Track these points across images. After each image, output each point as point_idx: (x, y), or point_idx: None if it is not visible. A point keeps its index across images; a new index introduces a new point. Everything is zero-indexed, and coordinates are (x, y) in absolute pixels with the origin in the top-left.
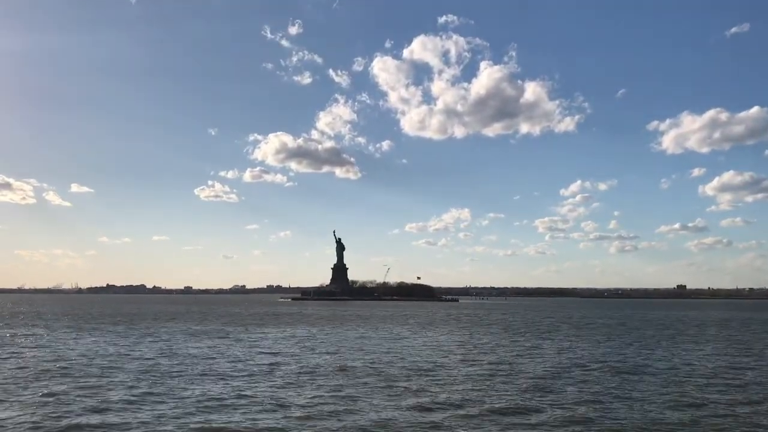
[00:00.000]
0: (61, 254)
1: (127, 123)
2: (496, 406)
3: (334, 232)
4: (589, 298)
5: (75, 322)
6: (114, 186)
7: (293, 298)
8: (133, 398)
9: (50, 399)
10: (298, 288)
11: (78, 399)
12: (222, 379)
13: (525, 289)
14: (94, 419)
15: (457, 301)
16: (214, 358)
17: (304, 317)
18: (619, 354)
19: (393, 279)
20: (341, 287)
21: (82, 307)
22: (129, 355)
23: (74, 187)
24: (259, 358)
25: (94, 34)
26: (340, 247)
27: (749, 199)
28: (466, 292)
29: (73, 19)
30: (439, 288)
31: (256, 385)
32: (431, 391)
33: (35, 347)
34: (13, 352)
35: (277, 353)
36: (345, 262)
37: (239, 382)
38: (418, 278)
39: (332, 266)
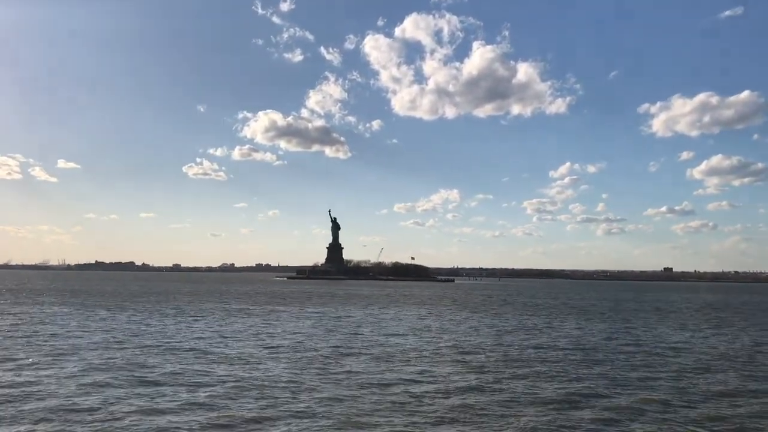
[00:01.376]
0: (48, 230)
1: (115, 98)
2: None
3: (329, 211)
4: (580, 280)
5: (112, 302)
6: (101, 162)
7: (289, 277)
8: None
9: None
10: (287, 267)
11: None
12: (352, 355)
13: (514, 269)
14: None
15: (453, 281)
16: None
17: (319, 296)
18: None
19: (382, 259)
20: (336, 267)
21: (88, 285)
22: (225, 333)
23: (61, 163)
24: (330, 336)
25: (83, 8)
26: (336, 227)
27: (736, 183)
28: (456, 272)
29: None
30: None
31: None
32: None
33: (138, 329)
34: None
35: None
36: (340, 242)
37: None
38: (412, 258)
39: (327, 245)
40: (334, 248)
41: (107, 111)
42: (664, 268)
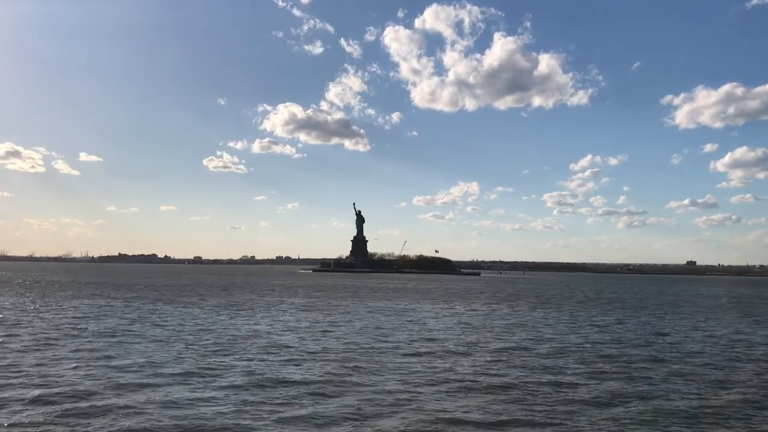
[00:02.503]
0: (70, 223)
1: (136, 92)
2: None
3: (354, 204)
4: (603, 273)
5: (180, 296)
6: (122, 155)
7: (314, 270)
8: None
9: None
10: (307, 259)
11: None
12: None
13: (534, 263)
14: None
15: (479, 274)
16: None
17: (368, 290)
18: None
19: (399, 252)
20: (362, 260)
21: (129, 278)
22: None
23: (83, 156)
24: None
25: (105, 1)
26: (360, 220)
27: (761, 175)
28: (477, 265)
29: None
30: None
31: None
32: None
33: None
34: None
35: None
36: (364, 235)
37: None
38: (436, 252)
39: (352, 238)
40: (359, 241)
41: (128, 104)
42: (687, 262)
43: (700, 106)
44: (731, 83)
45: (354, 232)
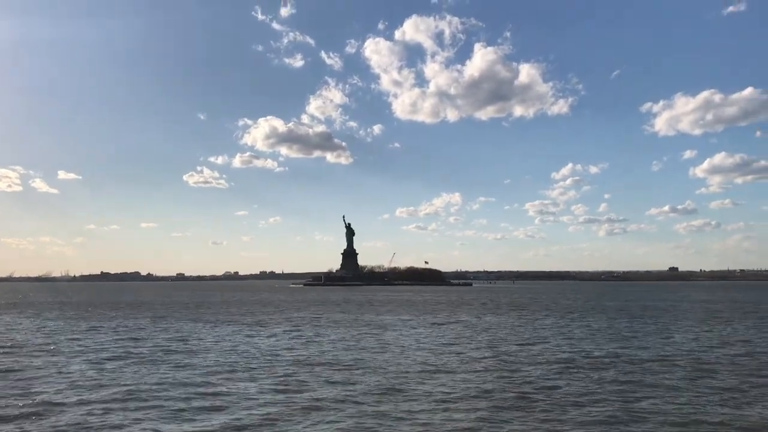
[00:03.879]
0: (49, 242)
1: (114, 108)
2: None
3: (343, 217)
4: (588, 281)
5: (195, 314)
6: (101, 173)
7: (305, 284)
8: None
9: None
10: (292, 274)
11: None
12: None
13: (518, 272)
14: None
15: (471, 285)
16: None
17: (378, 304)
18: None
19: (388, 264)
20: (352, 272)
21: (124, 297)
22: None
23: (61, 174)
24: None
25: (79, 18)
26: (350, 233)
27: (739, 180)
28: (462, 275)
29: (55, 3)
30: None
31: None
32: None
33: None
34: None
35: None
36: (355, 248)
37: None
38: (426, 263)
39: (342, 251)
40: (349, 254)
41: (107, 121)
42: (670, 268)
43: (679, 113)
44: (709, 90)
45: (343, 245)
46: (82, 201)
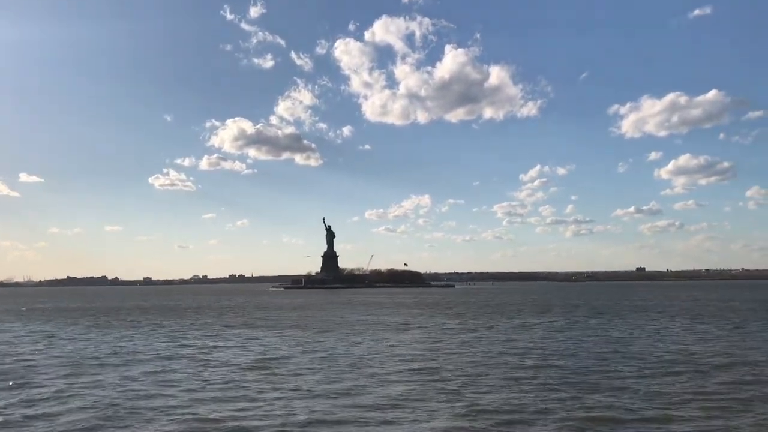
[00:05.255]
0: (10, 246)
1: (78, 110)
2: None
3: (323, 219)
4: (560, 282)
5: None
6: (64, 175)
7: (285, 287)
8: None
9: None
10: (262, 277)
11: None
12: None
13: (489, 273)
14: None
15: (453, 287)
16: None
17: (380, 306)
18: None
19: (367, 266)
20: (333, 275)
21: (116, 302)
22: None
23: (23, 177)
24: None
25: (41, 19)
26: (331, 235)
27: (703, 182)
28: (435, 277)
29: (17, 3)
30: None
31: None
32: None
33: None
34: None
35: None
36: (335, 250)
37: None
38: (405, 265)
39: (322, 254)
40: (330, 257)
41: (70, 122)
42: (637, 268)
43: (645, 115)
44: (675, 93)
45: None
46: (44, 204)
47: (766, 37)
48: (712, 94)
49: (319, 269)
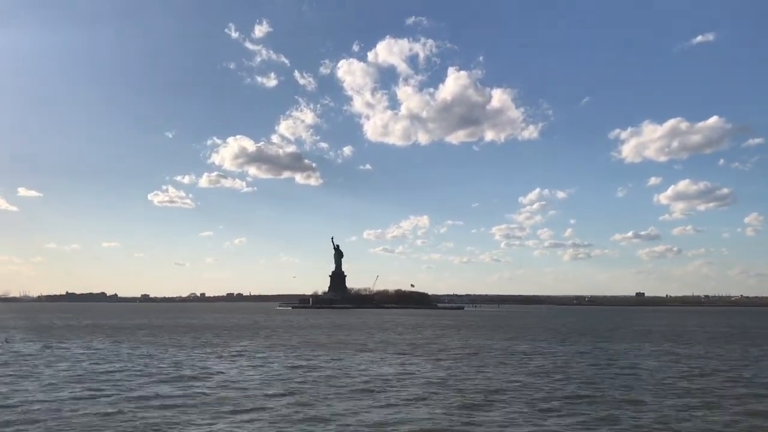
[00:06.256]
0: (6, 260)
1: (79, 124)
2: None
3: (332, 238)
4: (560, 306)
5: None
6: (63, 190)
7: (293, 307)
8: None
9: None
10: (260, 296)
11: None
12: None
13: (487, 296)
14: None
15: (463, 308)
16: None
17: (405, 327)
18: None
19: (373, 286)
20: (341, 295)
21: (133, 320)
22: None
23: (21, 191)
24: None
25: (47, 30)
26: (339, 254)
27: (701, 207)
28: (437, 299)
29: (24, 14)
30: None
31: None
32: None
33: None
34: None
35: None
36: (343, 270)
37: None
38: (412, 286)
39: (330, 273)
40: (338, 276)
41: (70, 137)
42: (636, 293)
43: (646, 140)
44: (676, 118)
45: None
46: (42, 219)
47: (767, 65)
48: (713, 120)
49: (326, 289)
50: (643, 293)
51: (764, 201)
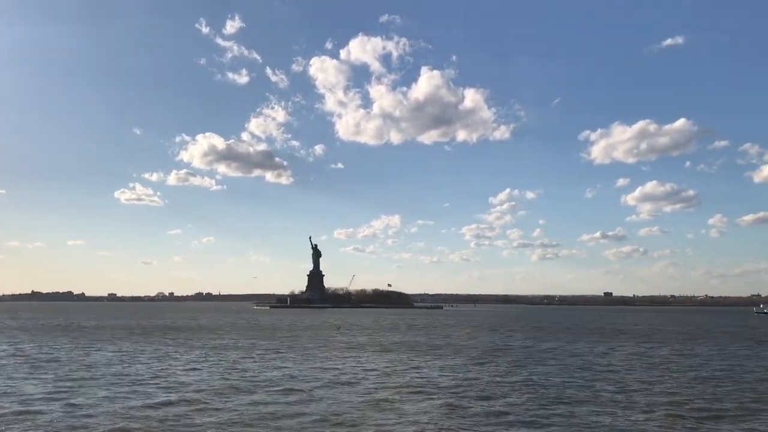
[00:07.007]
0: None
1: (44, 119)
2: None
3: (310, 238)
4: (531, 305)
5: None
6: (27, 187)
7: (271, 306)
8: None
9: None
10: (230, 295)
11: None
12: None
13: (459, 295)
14: None
15: (441, 308)
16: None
17: (415, 328)
18: None
19: (348, 286)
20: (319, 295)
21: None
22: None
23: None
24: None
25: (9, 26)
26: (317, 254)
27: (667, 209)
28: (410, 298)
29: None
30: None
31: None
32: None
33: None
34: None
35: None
36: (321, 269)
37: None
38: (389, 285)
39: (308, 273)
40: (316, 276)
41: (35, 132)
42: (605, 293)
43: (615, 141)
44: (645, 120)
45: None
46: (4, 217)
47: (734, 68)
48: (681, 122)
49: (298, 288)
50: (611, 293)
51: (728, 203)
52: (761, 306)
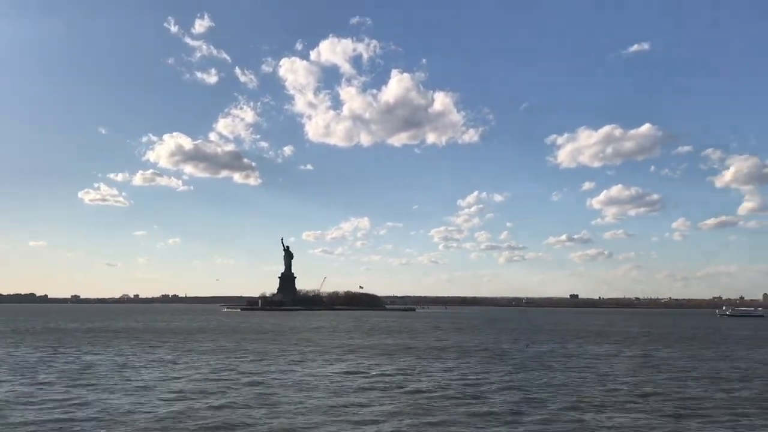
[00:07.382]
0: None
1: (6, 118)
2: None
3: (281, 239)
4: (500, 307)
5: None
6: None
7: (242, 309)
8: None
9: None
10: (196, 298)
11: None
12: None
13: (427, 297)
14: None
15: (414, 310)
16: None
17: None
18: None
19: (320, 288)
20: (290, 297)
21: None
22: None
23: None
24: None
25: None
26: (288, 256)
27: (632, 212)
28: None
29: None
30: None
31: None
32: None
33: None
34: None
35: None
36: (293, 271)
37: None
38: (361, 287)
39: (280, 275)
40: (287, 278)
41: None
42: (571, 295)
43: (581, 145)
44: (611, 125)
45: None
46: None
47: (698, 75)
48: (645, 127)
49: (275, 290)
50: (577, 295)
51: (691, 207)
52: (724, 308)
